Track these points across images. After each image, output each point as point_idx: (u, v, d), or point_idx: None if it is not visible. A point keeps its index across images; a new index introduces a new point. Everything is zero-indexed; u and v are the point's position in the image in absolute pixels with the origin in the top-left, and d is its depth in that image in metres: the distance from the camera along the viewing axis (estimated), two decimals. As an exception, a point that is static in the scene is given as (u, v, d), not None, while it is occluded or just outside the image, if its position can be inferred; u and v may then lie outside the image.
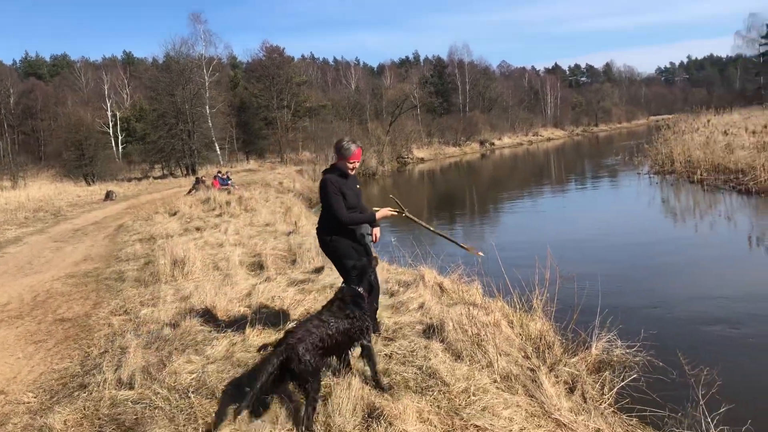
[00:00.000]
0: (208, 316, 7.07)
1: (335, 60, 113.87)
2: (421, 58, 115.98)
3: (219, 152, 53.68)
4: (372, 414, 4.23)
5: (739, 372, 6.82)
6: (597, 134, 71.38)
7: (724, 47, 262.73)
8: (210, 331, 6.53)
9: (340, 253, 5.81)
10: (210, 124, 51.25)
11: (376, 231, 6.53)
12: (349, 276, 5.74)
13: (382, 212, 6.05)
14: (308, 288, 7.95)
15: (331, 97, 72.24)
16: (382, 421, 4.11)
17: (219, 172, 29.34)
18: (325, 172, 5.99)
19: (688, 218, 16.24)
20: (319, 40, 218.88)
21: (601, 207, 20.09)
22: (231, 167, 46.92)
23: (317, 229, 6.03)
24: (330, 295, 7.36)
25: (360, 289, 5.00)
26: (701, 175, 21.14)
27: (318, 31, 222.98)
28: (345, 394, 4.32)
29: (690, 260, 11.92)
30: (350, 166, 5.88)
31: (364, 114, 65.39)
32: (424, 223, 6.76)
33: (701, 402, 5.49)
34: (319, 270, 8.88)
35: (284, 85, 60.03)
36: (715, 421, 5.37)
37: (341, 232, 5.86)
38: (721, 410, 5.52)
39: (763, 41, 78.40)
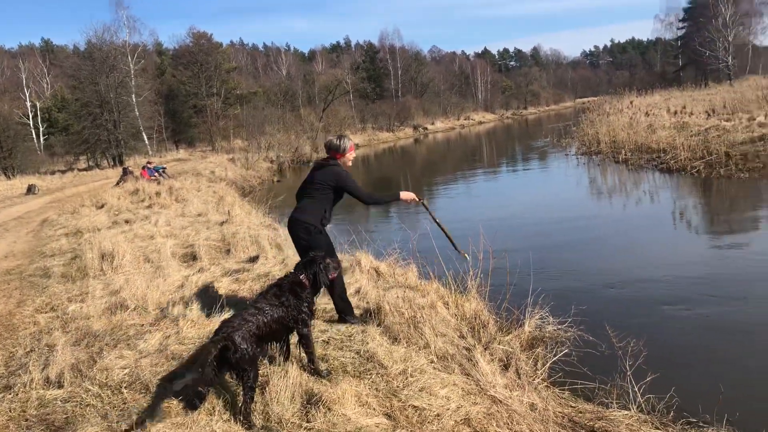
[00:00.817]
0: (140, 309, 6.89)
1: (265, 46, 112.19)
2: (353, 44, 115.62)
3: (147, 142, 52.11)
4: (311, 400, 4.22)
5: (663, 343, 7.13)
6: (526, 117, 72.96)
7: (644, 30, 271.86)
8: (142, 325, 6.37)
9: (316, 246, 5.78)
10: (137, 113, 49.64)
11: None
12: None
13: (405, 194, 6.16)
14: (243, 277, 7.85)
15: (262, 83, 71.13)
16: (321, 407, 4.11)
17: (149, 162, 28.49)
18: (321, 165, 6.02)
19: (614, 197, 16.83)
20: (248, 26, 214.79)
21: (532, 188, 20.58)
22: (160, 157, 45.66)
23: (299, 218, 5.92)
24: (265, 283, 7.31)
25: (302, 277, 4.96)
26: (625, 155, 21.90)
27: (246, 16, 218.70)
28: (282, 382, 4.30)
29: (617, 237, 12.37)
30: (350, 159, 6.14)
31: (297, 100, 64.76)
32: (433, 214, 6.87)
33: (629, 372, 5.74)
34: (254, 259, 8.77)
35: (213, 72, 58.74)
36: (641, 390, 5.62)
37: (325, 227, 5.93)
38: (647, 379, 5.78)
39: (681, 24, 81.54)
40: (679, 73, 78.11)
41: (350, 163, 6.16)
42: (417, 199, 6.27)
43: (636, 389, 5.63)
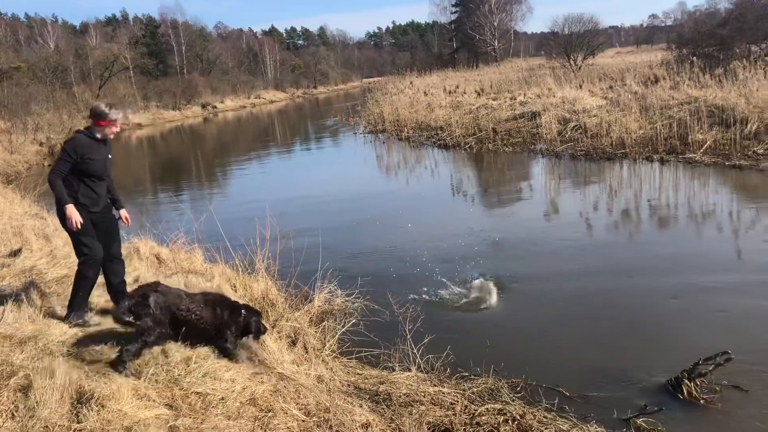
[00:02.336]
0: None
1: (27, 16, 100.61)
2: (131, 17, 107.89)
3: None
4: (81, 399, 3.93)
5: (440, 307, 7.70)
6: (317, 96, 73.79)
7: (422, 13, 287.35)
8: None
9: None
10: None
11: (124, 213, 6.11)
12: (79, 251, 5.51)
13: (71, 211, 5.40)
14: (2, 273, 7.05)
15: (26, 58, 63.76)
16: (94, 405, 3.85)
17: None
18: (77, 131, 5.60)
19: (399, 173, 17.71)
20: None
21: (323, 166, 20.93)
22: None
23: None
24: (29, 278, 6.64)
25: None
26: (408, 132, 23.10)
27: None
28: (48, 383, 3.95)
29: (400, 211, 13.03)
30: (105, 131, 5.58)
31: (69, 77, 59.01)
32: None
33: (408, 336, 6.12)
34: (16, 253, 7.91)
35: (-38, 44, 51.46)
36: (420, 351, 6.03)
37: (87, 204, 5.41)
38: (425, 341, 6.22)
39: (453, 9, 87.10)
40: (454, 55, 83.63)
41: (111, 137, 5.71)
42: (76, 225, 5.37)
43: (415, 350, 6.03)
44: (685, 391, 5.26)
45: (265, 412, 4.25)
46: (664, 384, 5.45)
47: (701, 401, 5.16)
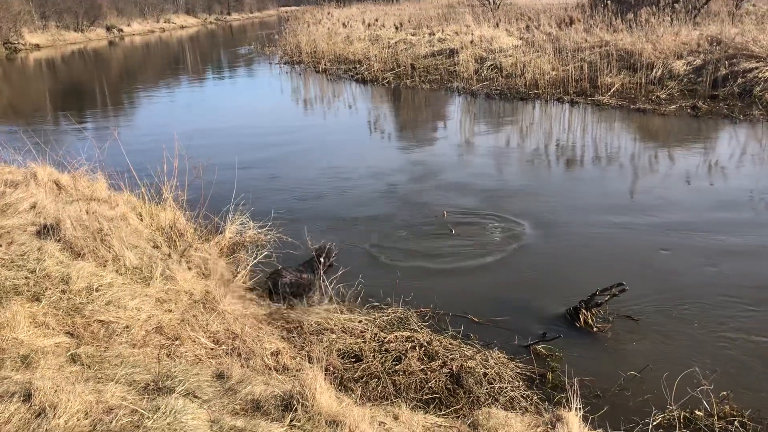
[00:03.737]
0: None
1: None
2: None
3: None
4: (-29, 329, 3.74)
5: (353, 239, 7.75)
6: (230, 23, 70.73)
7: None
8: None
9: None
10: None
11: None
12: None
13: None
14: None
15: None
16: (-14, 335, 3.67)
17: None
18: None
19: (316, 106, 17.41)
20: None
21: (237, 97, 20.28)
22: None
23: None
24: None
25: None
26: (325, 65, 22.64)
27: None
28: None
29: (316, 145, 12.90)
30: None
31: (-45, -11, 53.94)
32: None
33: (321, 268, 6.16)
34: None
35: None
36: (332, 283, 6.09)
37: None
38: (338, 273, 6.28)
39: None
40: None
41: None
42: None
43: (327, 283, 6.09)
44: (581, 320, 5.57)
45: (172, 340, 4.20)
46: (564, 313, 5.75)
47: (595, 329, 5.48)
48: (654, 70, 15.32)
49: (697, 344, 5.23)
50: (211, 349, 4.34)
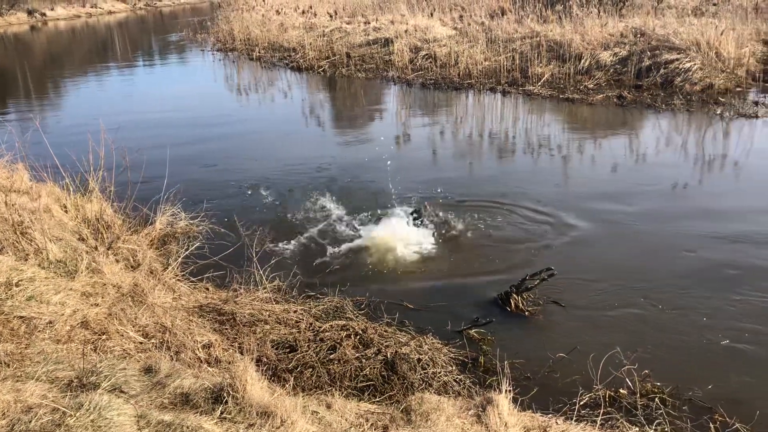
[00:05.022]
0: None
1: None
2: None
3: None
4: None
5: (282, 229, 7.69)
6: (161, 9, 68.63)
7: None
8: None
9: None
10: None
11: None
12: None
13: None
14: None
15: None
16: None
17: None
18: None
19: (251, 94, 17.14)
20: None
21: (168, 84, 19.73)
22: None
23: None
24: None
25: None
26: (259, 52, 22.28)
27: None
28: None
29: (251, 134, 12.72)
30: None
31: None
32: None
33: (255, 258, 6.10)
34: None
35: None
36: (267, 273, 6.03)
37: None
38: (271, 262, 6.24)
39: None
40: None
41: None
42: None
43: (262, 273, 6.03)
44: (512, 304, 5.71)
45: (99, 335, 4.08)
46: (495, 298, 5.88)
47: (526, 313, 5.63)
48: (582, 61, 15.73)
49: (620, 325, 5.44)
50: (140, 343, 4.24)
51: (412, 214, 7.72)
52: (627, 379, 4.55)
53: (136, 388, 3.13)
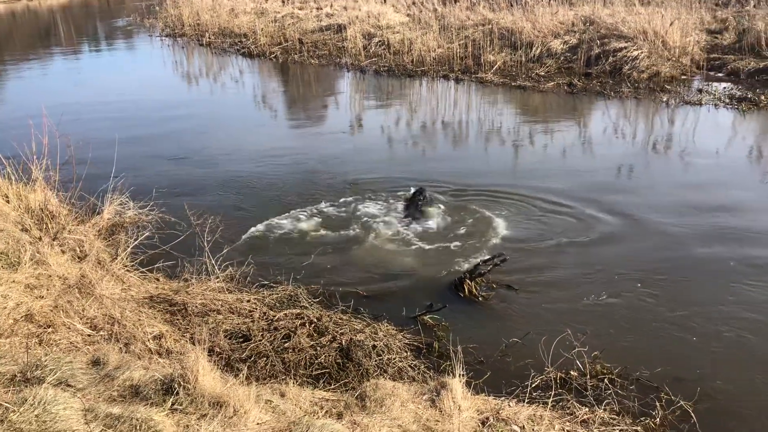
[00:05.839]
0: None
1: None
2: None
3: None
4: None
5: (235, 217, 7.59)
6: (108, -7, 66.69)
7: None
8: None
9: None
10: None
11: None
12: None
13: None
14: None
15: None
16: None
17: None
18: None
19: (201, 80, 16.81)
20: None
21: (115, 70, 19.19)
22: None
23: None
24: None
25: None
26: (210, 38, 21.87)
27: None
28: None
29: (202, 121, 12.49)
30: None
31: None
32: None
33: (206, 248, 5.99)
34: None
35: None
36: (219, 262, 5.95)
37: None
38: (223, 252, 6.14)
39: None
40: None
41: None
42: None
43: (214, 263, 5.94)
44: (466, 290, 5.77)
45: (44, 328, 3.96)
46: (449, 284, 5.93)
47: (479, 298, 5.69)
48: (534, 49, 15.91)
49: (572, 309, 5.55)
50: (88, 335, 4.13)
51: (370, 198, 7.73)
52: (577, 361, 4.65)
53: (84, 382, 3.05)
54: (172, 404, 2.84)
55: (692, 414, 4.16)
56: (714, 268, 6.20)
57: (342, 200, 7.95)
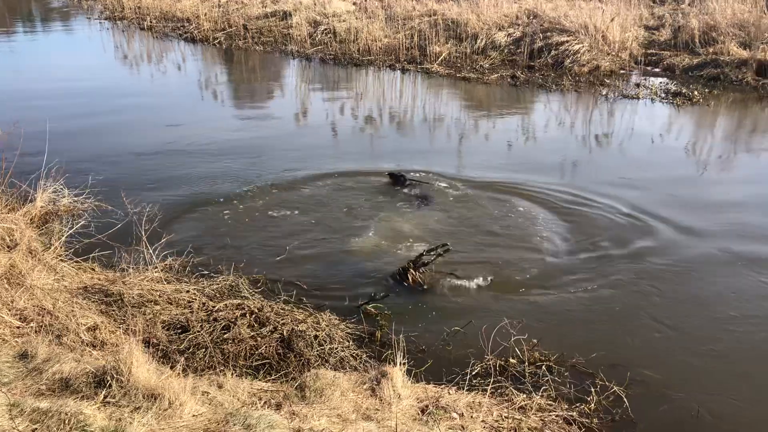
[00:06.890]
0: None
1: None
2: None
3: None
4: None
5: (173, 205, 7.42)
6: (43, -27, 64.24)
7: None
8: None
9: None
10: None
11: None
12: None
13: None
14: None
15: None
16: None
17: None
18: None
19: (141, 66, 16.33)
20: None
21: (50, 54, 18.44)
22: None
23: None
24: None
25: None
26: (151, 22, 21.27)
27: None
28: None
29: (141, 107, 12.15)
30: None
31: None
32: None
33: (144, 237, 5.84)
34: None
35: None
36: (157, 252, 5.81)
37: None
38: (162, 241, 5.99)
39: None
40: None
41: None
42: None
43: (152, 252, 5.79)
44: (410, 279, 5.79)
45: (-32, 321, 3.80)
46: (393, 273, 5.95)
47: (424, 287, 5.74)
48: (478, 41, 16.06)
49: (512, 298, 5.66)
50: (17, 327, 3.98)
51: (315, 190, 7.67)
52: (516, 349, 4.74)
53: (10, 376, 2.94)
54: (104, 397, 2.76)
55: (625, 399, 4.29)
56: (641, 255, 6.42)
57: (285, 189, 7.88)
